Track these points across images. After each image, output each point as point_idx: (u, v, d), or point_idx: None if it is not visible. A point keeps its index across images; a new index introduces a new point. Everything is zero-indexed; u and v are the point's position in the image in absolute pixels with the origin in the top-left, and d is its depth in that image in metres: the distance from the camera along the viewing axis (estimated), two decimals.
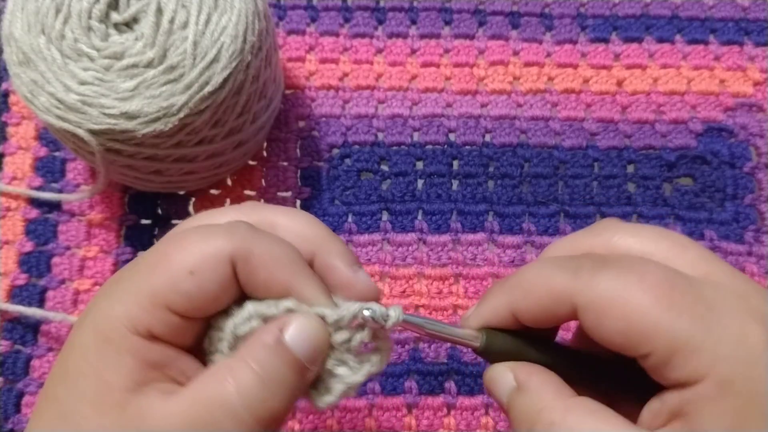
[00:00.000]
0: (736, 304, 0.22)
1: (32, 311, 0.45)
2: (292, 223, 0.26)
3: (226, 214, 0.26)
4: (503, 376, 0.26)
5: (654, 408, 0.23)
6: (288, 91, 0.51)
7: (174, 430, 0.22)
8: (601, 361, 0.27)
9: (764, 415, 0.20)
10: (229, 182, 0.49)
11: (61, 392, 0.23)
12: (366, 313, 0.25)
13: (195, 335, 0.24)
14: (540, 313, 0.25)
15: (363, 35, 0.52)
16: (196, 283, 0.23)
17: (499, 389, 0.26)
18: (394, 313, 0.25)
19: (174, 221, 0.48)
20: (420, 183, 0.49)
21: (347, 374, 0.25)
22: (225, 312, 0.25)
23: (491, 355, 0.26)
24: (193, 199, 0.49)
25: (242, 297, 0.25)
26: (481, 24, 0.53)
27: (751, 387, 0.21)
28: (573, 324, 0.29)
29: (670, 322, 0.21)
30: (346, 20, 0.53)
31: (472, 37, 0.53)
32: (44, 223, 0.48)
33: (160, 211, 0.49)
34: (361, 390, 0.45)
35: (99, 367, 0.22)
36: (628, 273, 0.23)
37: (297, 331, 0.24)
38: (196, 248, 0.23)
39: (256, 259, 0.23)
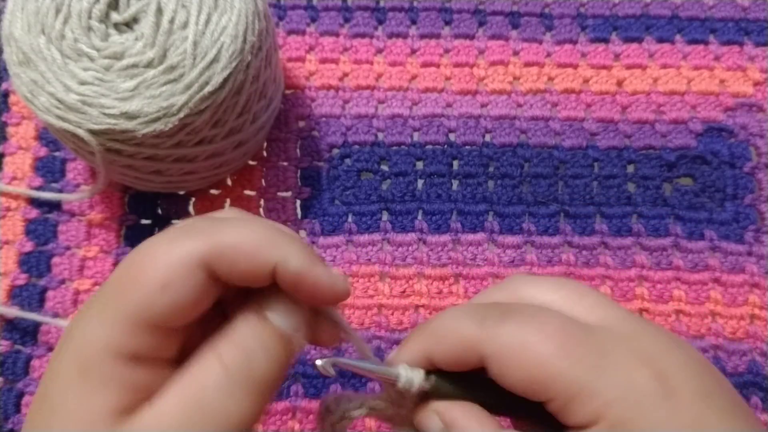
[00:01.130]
0: (626, 348, 0.24)
1: (31, 315, 0.45)
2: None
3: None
4: (430, 419, 0.27)
5: None
6: (288, 91, 0.51)
7: (169, 426, 0.21)
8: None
9: None
10: (229, 182, 0.49)
11: (42, 426, 0.22)
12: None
13: (180, 343, 0.24)
14: (452, 360, 0.26)
15: (363, 35, 0.53)
16: (171, 295, 0.22)
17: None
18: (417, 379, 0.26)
19: (174, 221, 0.48)
20: (420, 183, 0.49)
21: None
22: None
23: (436, 396, 0.27)
24: (193, 199, 0.49)
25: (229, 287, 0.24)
26: (481, 24, 0.53)
27: (640, 426, 0.22)
28: None
29: (566, 371, 0.23)
30: (346, 20, 0.53)
31: (472, 37, 0.53)
32: (44, 223, 0.48)
33: (160, 211, 0.49)
34: (361, 390, 0.45)
35: (84, 398, 0.21)
36: (528, 323, 0.24)
37: (281, 307, 0.24)
38: (162, 259, 0.22)
39: (229, 252, 0.22)
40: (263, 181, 0.49)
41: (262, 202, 0.49)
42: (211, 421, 0.21)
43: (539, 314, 0.25)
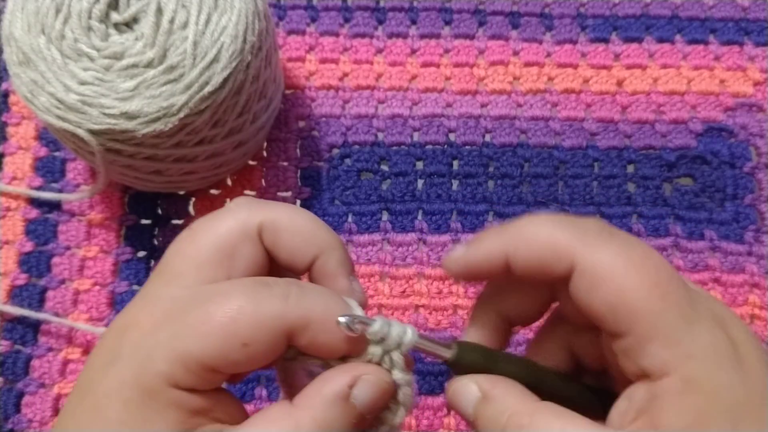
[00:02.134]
0: (708, 307, 0.23)
1: (31, 313, 0.45)
2: (297, 226, 0.26)
3: (226, 221, 0.26)
4: (467, 387, 0.26)
5: (621, 408, 0.24)
6: (288, 91, 0.51)
7: None
8: (566, 376, 0.28)
9: (724, 415, 0.21)
10: (229, 182, 0.49)
11: None
12: (408, 340, 0.25)
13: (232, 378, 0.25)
14: (536, 265, 0.25)
15: (363, 35, 0.53)
16: (249, 353, 0.22)
17: (464, 401, 0.26)
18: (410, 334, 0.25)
19: (174, 221, 0.48)
20: (420, 183, 0.49)
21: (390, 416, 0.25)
22: None
23: (460, 367, 0.27)
24: (193, 198, 0.49)
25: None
26: (481, 24, 0.53)
27: (714, 388, 0.21)
28: (536, 325, 0.30)
29: (658, 309, 0.22)
30: (346, 20, 0.53)
31: (472, 37, 0.53)
32: (44, 223, 0.48)
33: (160, 211, 0.49)
34: None
35: (143, 419, 0.22)
36: (632, 250, 0.23)
37: (367, 387, 0.24)
38: (250, 319, 0.22)
39: (315, 326, 0.23)
40: (263, 181, 0.49)
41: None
42: None
43: (644, 247, 0.24)
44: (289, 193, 0.49)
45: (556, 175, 0.49)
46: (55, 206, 0.48)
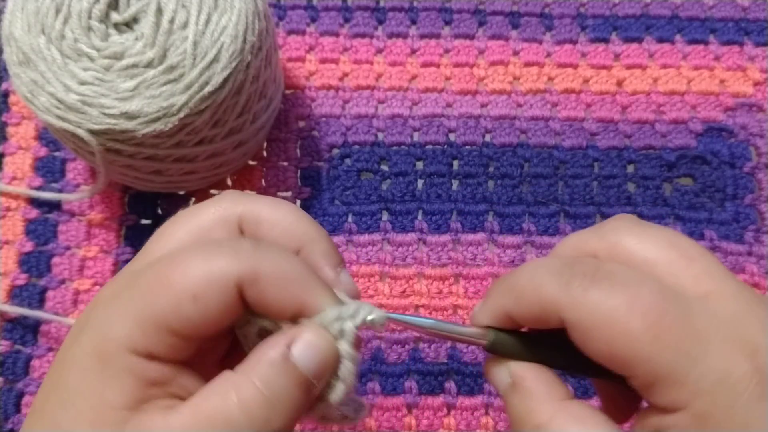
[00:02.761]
0: (727, 334, 0.22)
1: (31, 313, 0.45)
2: (278, 217, 0.26)
3: (208, 210, 0.26)
4: (500, 372, 0.26)
5: (642, 420, 0.24)
6: (288, 91, 0.51)
7: None
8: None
9: None
10: (229, 182, 0.49)
11: (56, 411, 0.22)
12: (370, 317, 0.24)
13: (194, 350, 0.24)
14: (532, 320, 0.25)
15: (363, 35, 0.53)
16: (200, 308, 0.22)
17: (497, 383, 0.26)
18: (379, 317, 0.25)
19: None
20: (420, 183, 0.49)
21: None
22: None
23: (498, 353, 0.27)
24: (193, 198, 0.49)
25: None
26: (481, 24, 0.53)
27: (728, 422, 0.21)
28: None
29: (654, 353, 0.21)
30: (346, 20, 0.53)
31: (472, 37, 0.53)
32: (44, 223, 0.48)
33: (160, 211, 0.49)
34: (361, 390, 0.45)
35: (98, 386, 0.22)
36: (619, 293, 0.22)
37: (306, 347, 0.23)
38: (199, 271, 0.22)
39: (264, 279, 0.23)
40: (263, 181, 0.49)
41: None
42: None
43: (633, 283, 0.22)
44: (289, 193, 0.49)
45: (556, 175, 0.49)
46: (55, 206, 0.48)
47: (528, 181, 0.49)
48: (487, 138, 0.50)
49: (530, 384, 0.25)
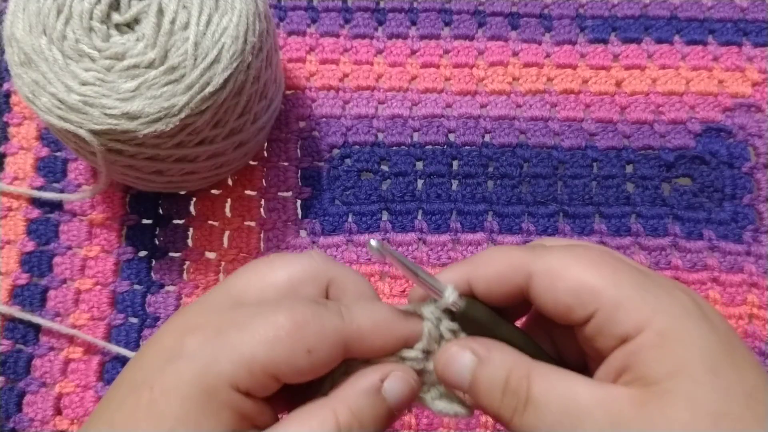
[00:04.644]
0: (669, 283, 0.25)
1: (31, 317, 0.45)
2: (358, 291, 0.28)
3: (302, 263, 0.28)
4: (460, 356, 0.26)
5: (601, 374, 0.25)
6: (288, 92, 0.51)
7: None
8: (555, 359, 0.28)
9: (701, 361, 0.22)
10: (229, 182, 0.49)
11: (142, 426, 0.23)
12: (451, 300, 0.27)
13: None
14: (495, 282, 0.27)
15: (363, 36, 0.53)
16: (312, 360, 0.24)
17: (458, 369, 0.27)
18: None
19: (175, 221, 0.48)
20: (420, 183, 0.49)
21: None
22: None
23: (466, 321, 0.27)
24: (194, 198, 0.49)
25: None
26: (480, 25, 0.53)
27: (688, 336, 0.23)
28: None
29: (614, 284, 0.24)
30: (347, 21, 0.53)
31: (471, 38, 0.53)
32: (46, 223, 0.48)
33: (161, 211, 0.49)
34: None
35: (198, 416, 0.23)
36: (576, 250, 0.26)
37: (396, 383, 0.26)
38: (314, 329, 0.24)
39: (367, 338, 0.26)
40: (264, 181, 0.49)
41: (262, 202, 0.49)
42: None
43: (597, 248, 0.27)
44: (289, 193, 0.49)
45: (555, 176, 0.50)
46: (56, 206, 0.48)
47: (527, 182, 0.50)
48: (487, 138, 0.50)
49: (498, 353, 0.26)
